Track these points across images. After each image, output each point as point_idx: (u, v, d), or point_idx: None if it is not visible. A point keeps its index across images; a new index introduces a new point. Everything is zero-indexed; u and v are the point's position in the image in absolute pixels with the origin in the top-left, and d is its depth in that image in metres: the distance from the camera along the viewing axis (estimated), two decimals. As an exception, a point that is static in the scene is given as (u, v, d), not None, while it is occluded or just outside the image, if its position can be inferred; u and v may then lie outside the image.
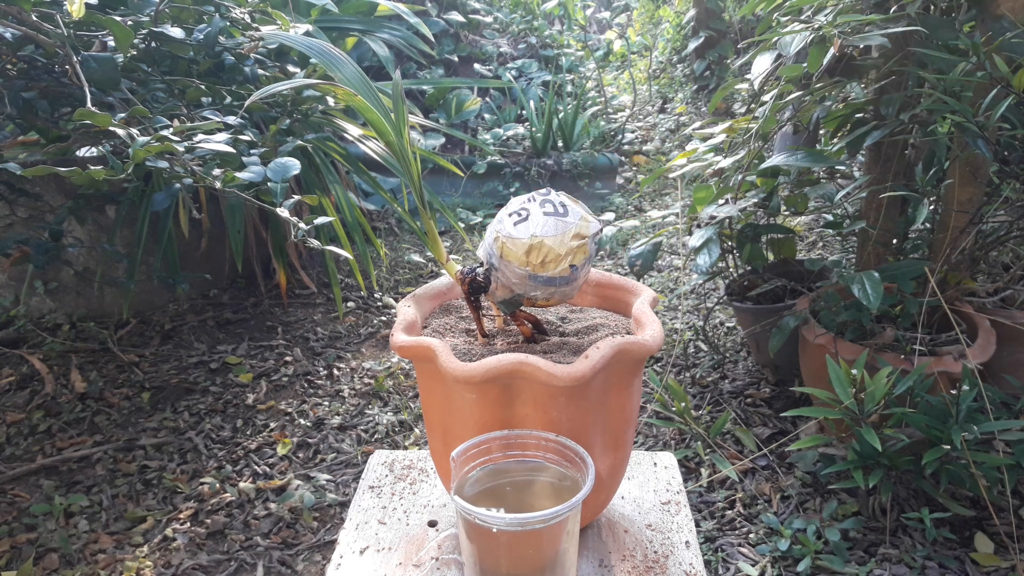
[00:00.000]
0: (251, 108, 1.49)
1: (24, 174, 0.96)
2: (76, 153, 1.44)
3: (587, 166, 3.46)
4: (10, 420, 1.73)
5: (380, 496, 0.81)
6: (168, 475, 1.58)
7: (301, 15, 2.39)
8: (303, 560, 1.37)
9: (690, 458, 1.58)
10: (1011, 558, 1.24)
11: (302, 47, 0.70)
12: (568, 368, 0.57)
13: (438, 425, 0.67)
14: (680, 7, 4.75)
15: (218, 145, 1.01)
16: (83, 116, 0.95)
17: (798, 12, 1.48)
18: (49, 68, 1.35)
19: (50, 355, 1.97)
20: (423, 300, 0.74)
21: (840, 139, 1.59)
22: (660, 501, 0.79)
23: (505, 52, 4.14)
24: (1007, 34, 1.21)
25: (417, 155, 0.68)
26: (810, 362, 1.52)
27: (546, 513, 0.50)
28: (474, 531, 0.52)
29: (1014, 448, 1.19)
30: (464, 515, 0.52)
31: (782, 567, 1.28)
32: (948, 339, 1.43)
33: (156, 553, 1.38)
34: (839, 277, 1.38)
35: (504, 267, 0.61)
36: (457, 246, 2.92)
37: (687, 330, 2.12)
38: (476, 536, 0.53)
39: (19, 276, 2.08)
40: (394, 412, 1.81)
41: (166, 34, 1.32)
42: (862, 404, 1.25)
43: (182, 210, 1.89)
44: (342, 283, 2.50)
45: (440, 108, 3.61)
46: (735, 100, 3.89)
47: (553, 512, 0.50)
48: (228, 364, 2.01)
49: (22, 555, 1.36)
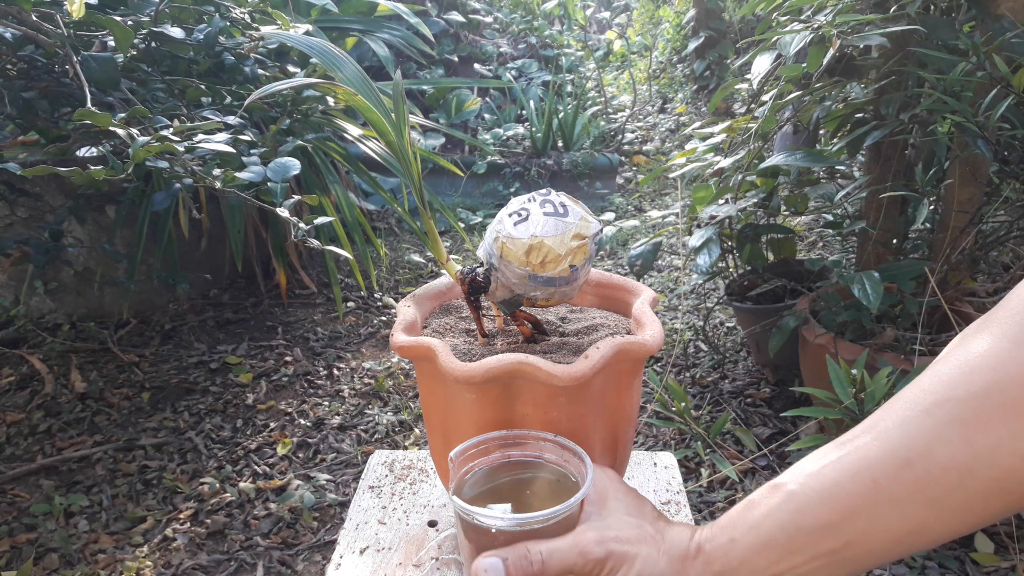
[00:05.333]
0: (251, 108, 1.49)
1: (24, 174, 0.96)
2: (76, 153, 1.44)
3: (587, 166, 3.46)
4: (10, 420, 1.73)
5: (380, 496, 0.81)
6: (168, 475, 1.58)
7: (301, 15, 2.39)
8: (303, 560, 1.37)
9: (690, 458, 1.58)
10: (1011, 558, 1.24)
11: (302, 46, 0.70)
12: (568, 368, 0.57)
13: (438, 425, 0.67)
14: (680, 7, 4.75)
15: (218, 145, 1.01)
16: (83, 116, 0.95)
17: (798, 12, 1.48)
18: (49, 68, 1.35)
19: (50, 355, 1.97)
20: (423, 300, 0.74)
21: (840, 139, 1.59)
22: (660, 501, 0.79)
23: (505, 52, 4.14)
24: (1007, 34, 1.21)
25: (417, 155, 0.68)
26: (810, 362, 1.52)
27: (545, 513, 0.49)
28: (472, 531, 0.52)
29: (1014, 448, 1.19)
30: (462, 515, 0.52)
31: (782, 567, 1.29)
32: (948, 339, 1.43)
33: (156, 553, 1.38)
34: (839, 277, 1.38)
35: (504, 267, 0.61)
36: (457, 246, 2.92)
37: (687, 330, 2.12)
38: (475, 536, 0.53)
39: (19, 276, 2.08)
40: (394, 412, 1.81)
41: (166, 34, 1.32)
42: (862, 404, 1.25)
43: (182, 210, 1.89)
44: (342, 283, 2.50)
45: (440, 108, 3.61)
46: (735, 100, 3.89)
47: (552, 512, 0.49)
48: (228, 364, 2.01)
49: (22, 555, 1.36)
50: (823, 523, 0.40)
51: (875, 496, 0.38)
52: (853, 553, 0.40)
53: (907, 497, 0.37)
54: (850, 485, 0.39)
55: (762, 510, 0.43)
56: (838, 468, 0.40)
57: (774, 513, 0.42)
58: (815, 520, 0.40)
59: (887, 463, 0.38)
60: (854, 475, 0.39)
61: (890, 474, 0.38)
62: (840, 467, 0.40)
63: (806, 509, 0.41)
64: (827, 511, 0.40)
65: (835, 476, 0.40)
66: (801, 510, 0.41)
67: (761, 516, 0.43)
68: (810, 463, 0.43)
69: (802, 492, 0.42)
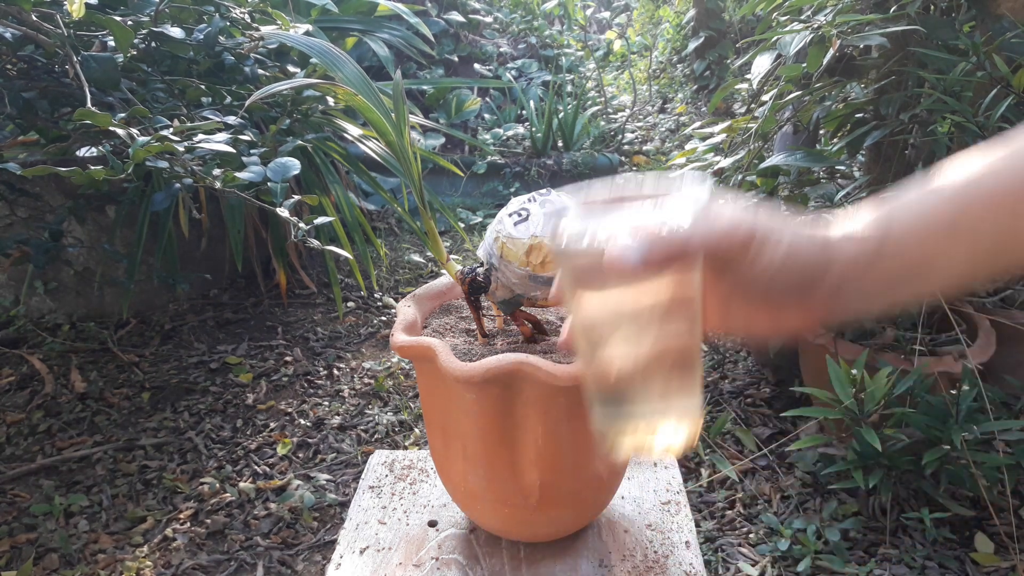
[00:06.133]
0: (251, 108, 1.49)
1: (24, 174, 0.96)
2: (76, 153, 1.44)
3: (587, 166, 3.46)
4: (10, 420, 1.73)
5: (380, 496, 0.81)
6: (168, 475, 1.58)
7: (301, 15, 2.39)
8: (303, 560, 1.37)
9: (690, 458, 1.58)
10: (1011, 558, 1.24)
11: (303, 47, 0.70)
12: (568, 368, 0.57)
13: (438, 425, 0.67)
14: (680, 7, 4.75)
15: (218, 145, 1.01)
16: (83, 116, 0.95)
17: (798, 12, 1.48)
18: (49, 68, 1.35)
19: (50, 355, 1.97)
20: (423, 300, 0.74)
21: (840, 139, 1.59)
22: (660, 501, 0.79)
23: (505, 52, 4.14)
24: (1007, 34, 1.21)
25: (417, 155, 0.68)
26: (810, 362, 1.52)
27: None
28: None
29: (1014, 448, 1.19)
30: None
31: (782, 567, 1.28)
32: (948, 339, 1.43)
33: (156, 553, 1.38)
34: (839, 277, 1.38)
35: (504, 267, 0.61)
36: (457, 246, 2.92)
37: (687, 330, 2.12)
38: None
39: (19, 276, 2.08)
40: (394, 412, 1.81)
41: (166, 34, 1.32)
42: (862, 404, 1.25)
43: (182, 210, 1.89)
44: (342, 283, 2.50)
45: (440, 108, 3.61)
46: (735, 100, 3.89)
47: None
48: (228, 364, 2.01)
49: (22, 555, 1.36)
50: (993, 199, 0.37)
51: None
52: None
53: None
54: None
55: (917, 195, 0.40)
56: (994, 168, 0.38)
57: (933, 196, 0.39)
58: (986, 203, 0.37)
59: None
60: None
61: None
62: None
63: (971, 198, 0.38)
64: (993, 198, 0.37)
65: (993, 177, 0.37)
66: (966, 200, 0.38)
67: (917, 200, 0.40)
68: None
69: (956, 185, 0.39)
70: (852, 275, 0.40)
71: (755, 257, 0.38)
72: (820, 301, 0.40)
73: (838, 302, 0.41)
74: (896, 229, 0.39)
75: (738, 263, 0.39)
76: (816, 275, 0.40)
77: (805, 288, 0.40)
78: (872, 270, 0.40)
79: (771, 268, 0.39)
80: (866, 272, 0.40)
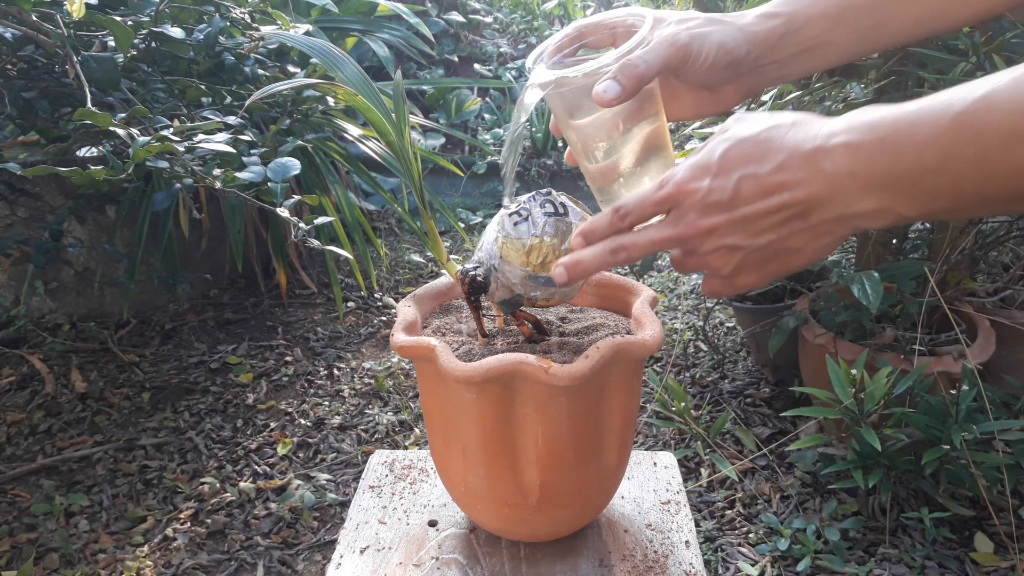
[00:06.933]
0: (251, 108, 1.49)
1: (24, 174, 0.96)
2: (76, 153, 1.44)
3: (587, 166, 3.46)
4: (10, 420, 1.73)
5: (380, 496, 0.81)
6: (168, 475, 1.58)
7: (301, 15, 2.39)
8: (303, 560, 1.38)
9: (690, 458, 1.58)
10: (1011, 558, 1.24)
11: (303, 47, 0.70)
12: (568, 368, 0.57)
13: (438, 425, 0.67)
14: (680, 7, 4.75)
15: (218, 145, 1.01)
16: (83, 116, 0.95)
17: (798, 12, 1.48)
18: (49, 68, 1.35)
19: (50, 355, 1.97)
20: (423, 300, 0.74)
21: (840, 139, 1.58)
22: (660, 501, 0.79)
23: (505, 52, 4.14)
24: (1007, 34, 1.21)
25: (417, 155, 0.68)
26: (810, 362, 1.52)
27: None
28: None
29: (1014, 448, 1.19)
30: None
31: (782, 567, 1.29)
32: (948, 339, 1.43)
33: (156, 553, 1.38)
34: (839, 277, 1.38)
35: (504, 267, 0.61)
36: (457, 246, 2.92)
37: (687, 330, 2.12)
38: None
39: (19, 276, 2.08)
40: (394, 412, 1.81)
41: (166, 34, 1.32)
42: (862, 404, 1.25)
43: (182, 210, 1.89)
44: (342, 283, 2.50)
45: (440, 108, 3.61)
46: (735, 100, 3.89)
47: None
48: (228, 364, 2.01)
49: (22, 555, 1.36)
50: (869, 4, 0.50)
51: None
52: (888, 29, 0.51)
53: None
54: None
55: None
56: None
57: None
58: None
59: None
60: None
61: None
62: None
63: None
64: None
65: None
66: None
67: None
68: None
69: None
70: (767, 49, 0.52)
71: (694, 58, 0.51)
72: (746, 75, 0.54)
73: (761, 73, 0.54)
74: (800, 13, 0.52)
75: (682, 66, 0.51)
76: (740, 56, 0.52)
77: (734, 68, 0.52)
78: (782, 43, 0.52)
79: (707, 62, 0.51)
80: (777, 46, 0.52)
